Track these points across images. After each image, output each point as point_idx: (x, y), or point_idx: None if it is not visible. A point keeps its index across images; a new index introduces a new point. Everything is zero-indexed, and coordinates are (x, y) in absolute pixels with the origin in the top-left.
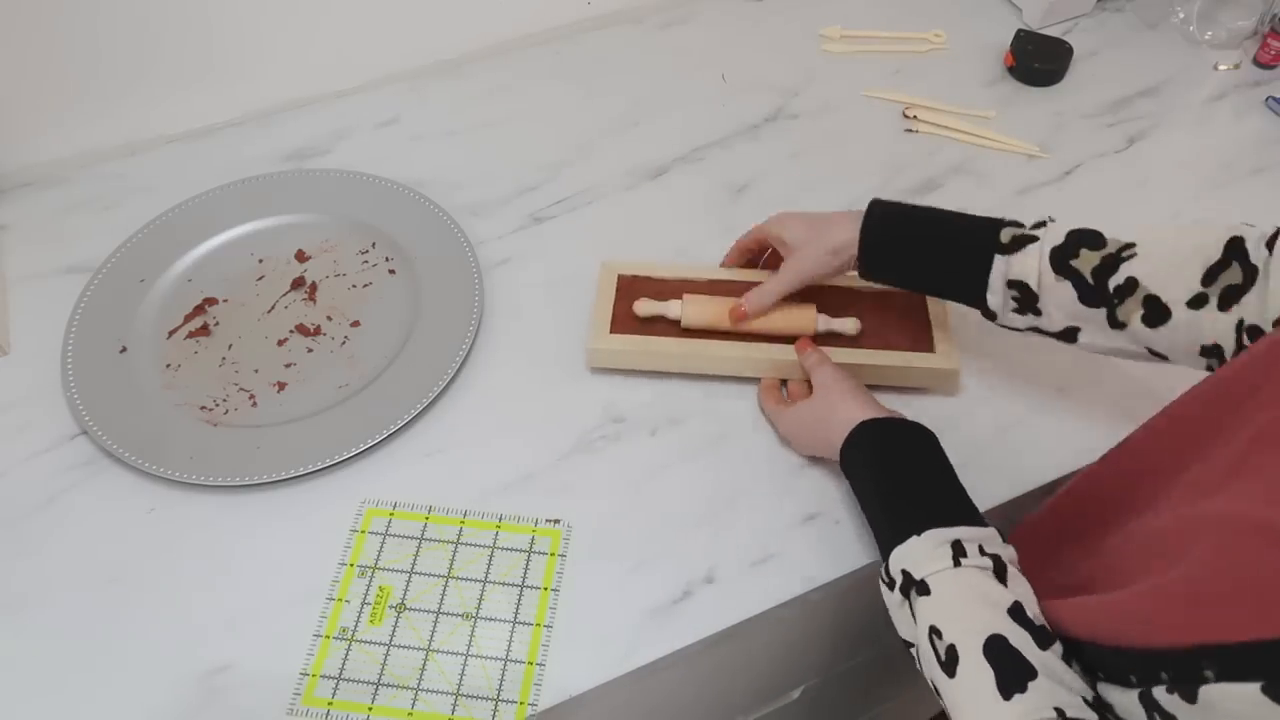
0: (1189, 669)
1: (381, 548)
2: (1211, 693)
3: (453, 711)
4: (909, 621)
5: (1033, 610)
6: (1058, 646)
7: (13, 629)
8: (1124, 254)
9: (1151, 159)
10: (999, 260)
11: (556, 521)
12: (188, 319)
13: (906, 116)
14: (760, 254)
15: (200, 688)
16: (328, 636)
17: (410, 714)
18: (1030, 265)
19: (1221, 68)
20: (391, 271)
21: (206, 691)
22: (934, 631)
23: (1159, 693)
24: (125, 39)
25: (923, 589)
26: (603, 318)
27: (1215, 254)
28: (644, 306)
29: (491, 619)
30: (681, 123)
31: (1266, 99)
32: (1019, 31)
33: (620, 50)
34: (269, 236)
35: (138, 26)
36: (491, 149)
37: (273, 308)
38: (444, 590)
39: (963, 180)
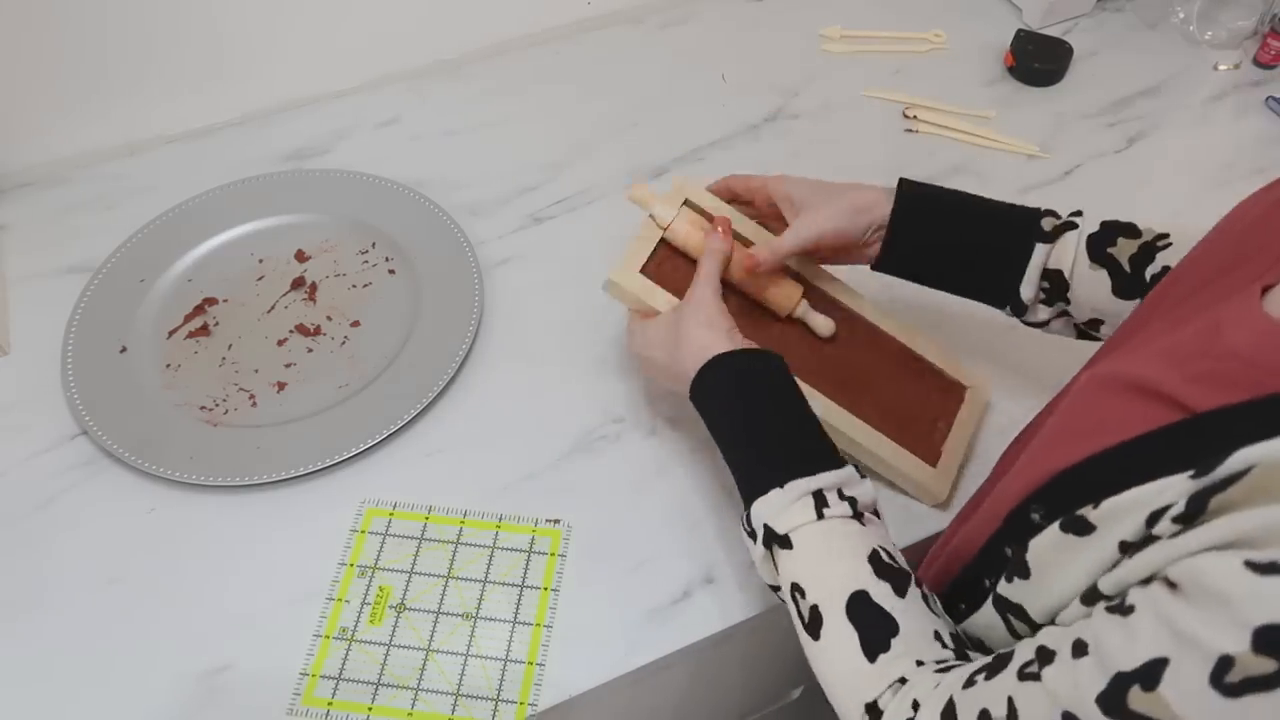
0: (1021, 524)
1: (381, 548)
2: (1036, 545)
3: (453, 711)
4: (772, 572)
5: (888, 552)
6: (914, 588)
7: (13, 629)
8: (1159, 243)
9: (1151, 159)
10: (1040, 249)
11: (556, 521)
12: (188, 319)
13: (906, 116)
14: (742, 201)
15: (200, 688)
16: (328, 636)
17: (410, 714)
18: (1067, 253)
19: (1221, 68)
20: (391, 271)
21: (206, 691)
22: (796, 589)
23: (1008, 590)
24: (125, 39)
25: (785, 543)
26: (636, 257)
27: None
28: (643, 192)
29: (491, 619)
30: (681, 123)
31: (1266, 99)
32: (1019, 31)
33: (620, 50)
34: (269, 236)
35: (138, 27)
36: (491, 149)
37: (273, 308)
38: (444, 590)
39: (963, 180)
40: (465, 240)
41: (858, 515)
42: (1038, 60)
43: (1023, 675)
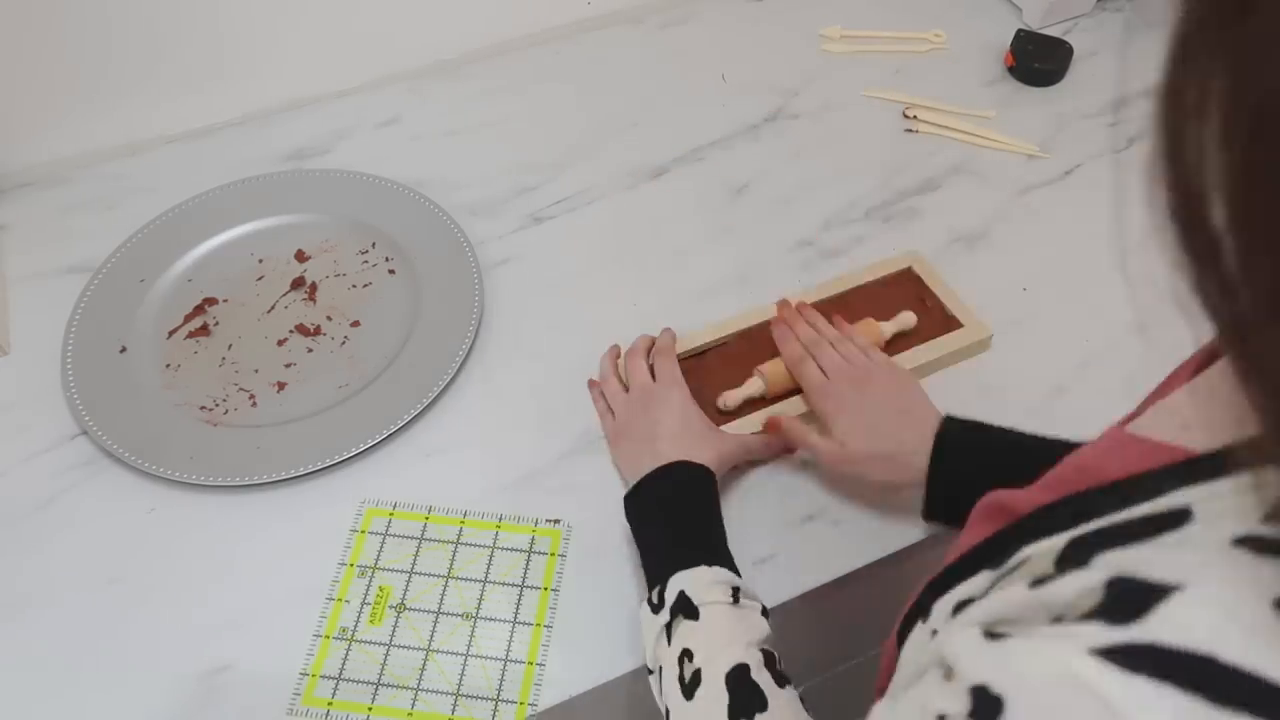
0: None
1: (381, 548)
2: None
3: (453, 711)
4: (664, 644)
5: (781, 661)
6: (793, 692)
7: (13, 629)
8: None
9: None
10: None
11: (556, 521)
12: (188, 319)
13: (906, 116)
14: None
15: (200, 688)
16: (328, 636)
17: (410, 714)
18: None
19: None
20: (391, 271)
21: (206, 691)
22: (685, 654)
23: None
24: (126, 39)
25: (692, 613)
26: None
27: None
28: (729, 398)
29: (491, 619)
30: (681, 123)
31: None
32: (1019, 31)
33: (620, 50)
34: (269, 236)
35: (138, 27)
36: (491, 149)
37: (273, 308)
38: (444, 590)
39: (963, 180)
40: (465, 240)
41: (764, 613)
42: (1038, 60)
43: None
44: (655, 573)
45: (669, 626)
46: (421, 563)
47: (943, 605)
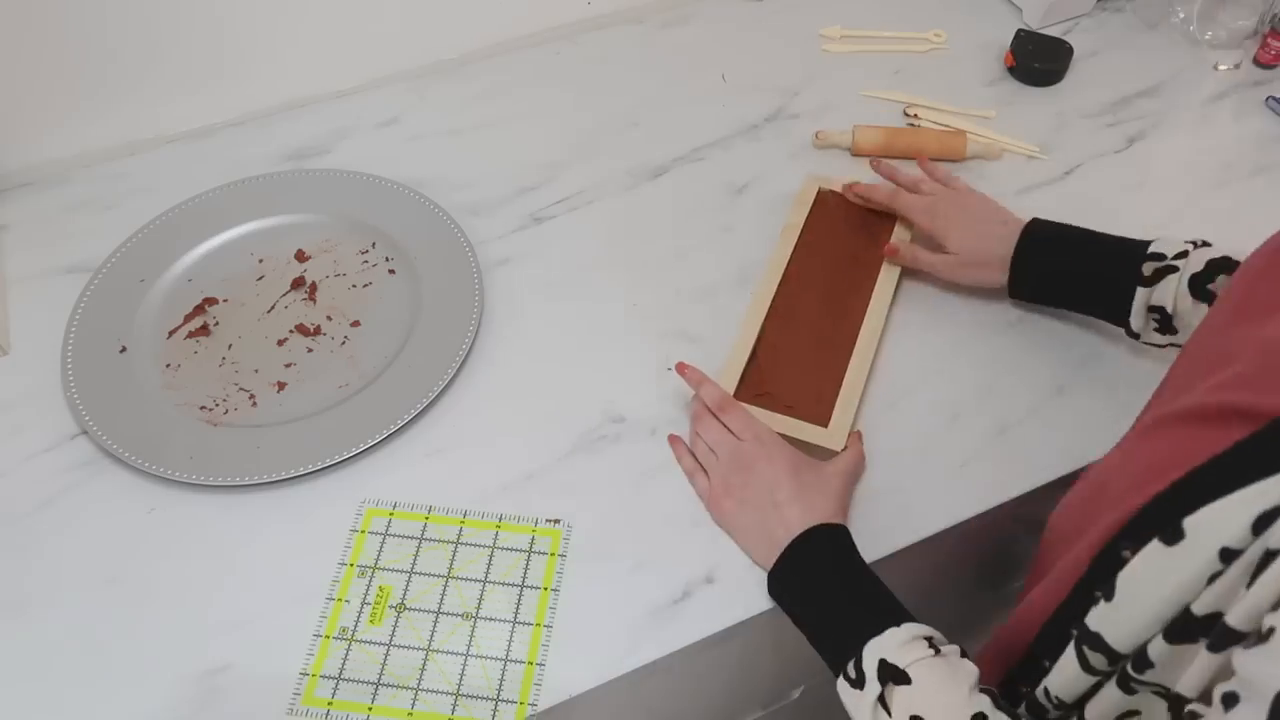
0: (1110, 562)
1: (381, 548)
2: (1129, 568)
3: (453, 711)
4: (883, 716)
5: (999, 696)
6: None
7: (13, 629)
8: None
9: (1151, 159)
10: (1140, 291)
11: (556, 521)
12: (188, 319)
13: (907, 115)
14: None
15: (200, 688)
16: (328, 636)
17: (410, 714)
18: (1169, 293)
19: (1222, 68)
20: (391, 271)
21: (206, 691)
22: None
23: (1089, 617)
24: (125, 39)
25: (902, 678)
26: (833, 187)
27: None
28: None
29: (491, 619)
30: (681, 123)
31: (1267, 99)
32: (1019, 31)
33: (620, 50)
34: (269, 236)
35: (138, 27)
36: (491, 149)
37: (273, 308)
38: (444, 590)
39: (963, 180)
40: (465, 240)
41: (963, 654)
42: (1038, 60)
43: None
44: (840, 646)
45: (883, 698)
46: (421, 563)
47: (1218, 519)
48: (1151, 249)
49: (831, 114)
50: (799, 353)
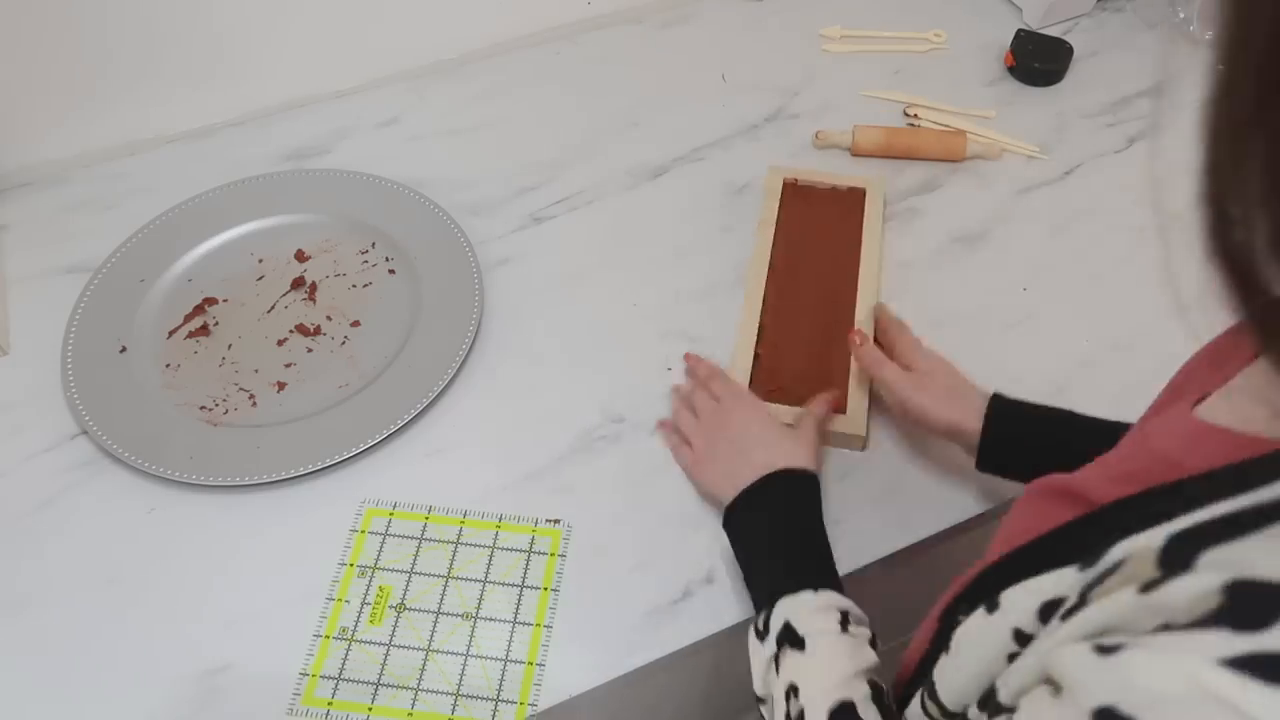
0: (949, 625)
1: (381, 548)
2: (958, 633)
3: (452, 712)
4: (770, 675)
5: (888, 693)
6: None
7: (13, 629)
8: None
9: (1151, 159)
10: None
11: (556, 521)
12: (188, 319)
13: (907, 115)
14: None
15: (200, 688)
16: (328, 636)
17: (410, 714)
18: None
19: (1221, 68)
20: (391, 271)
21: (206, 691)
22: (791, 690)
23: (935, 668)
24: (125, 39)
25: (798, 644)
26: (800, 174)
27: None
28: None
29: (491, 619)
30: (681, 123)
31: None
32: (1019, 31)
33: (620, 50)
34: (269, 236)
35: (138, 27)
36: (491, 149)
37: (273, 308)
38: (444, 590)
39: (963, 180)
40: (465, 240)
41: (874, 644)
42: (1038, 60)
43: None
44: (759, 596)
45: (776, 658)
46: (421, 563)
47: (1020, 599)
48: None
49: (831, 114)
50: (801, 345)
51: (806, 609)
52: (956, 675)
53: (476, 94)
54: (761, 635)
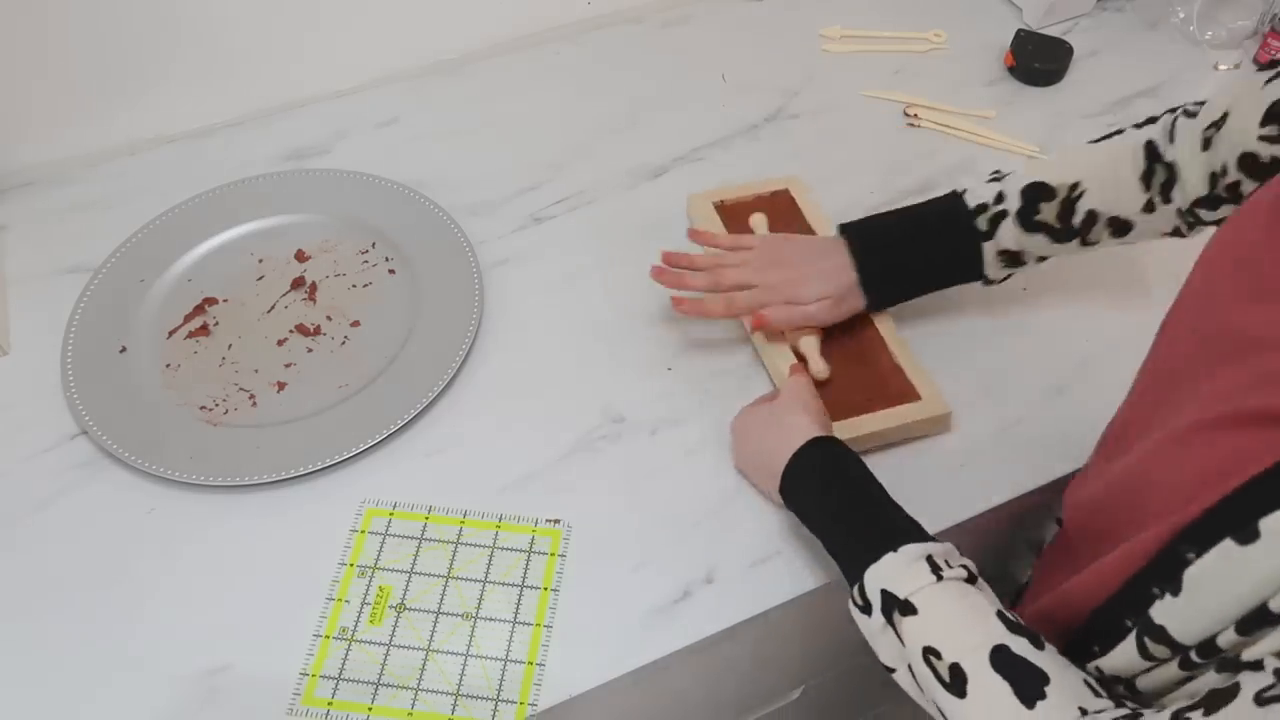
0: (1171, 562)
1: (381, 548)
2: (1193, 571)
3: (452, 711)
4: (895, 645)
5: (1010, 613)
6: (1048, 643)
7: (12, 629)
8: (1074, 194)
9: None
10: (986, 246)
11: (556, 521)
12: (187, 319)
13: (907, 115)
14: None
15: (200, 688)
16: (328, 636)
17: (410, 714)
18: (1008, 236)
19: (1221, 68)
20: (391, 271)
21: (206, 691)
22: (930, 652)
23: (1152, 610)
24: (125, 39)
25: (907, 608)
26: (727, 192)
27: (1142, 163)
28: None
29: (491, 619)
30: (681, 123)
31: None
32: (1019, 31)
33: (620, 50)
34: (269, 236)
35: (138, 27)
36: (491, 149)
37: (273, 308)
38: (444, 590)
39: (963, 180)
40: (465, 240)
41: (971, 579)
42: (1038, 60)
43: (1262, 700)
44: (846, 572)
45: (895, 628)
46: (421, 563)
47: None
48: (970, 202)
49: (832, 114)
50: (835, 355)
51: (894, 572)
52: (1202, 612)
53: (476, 94)
54: (864, 609)
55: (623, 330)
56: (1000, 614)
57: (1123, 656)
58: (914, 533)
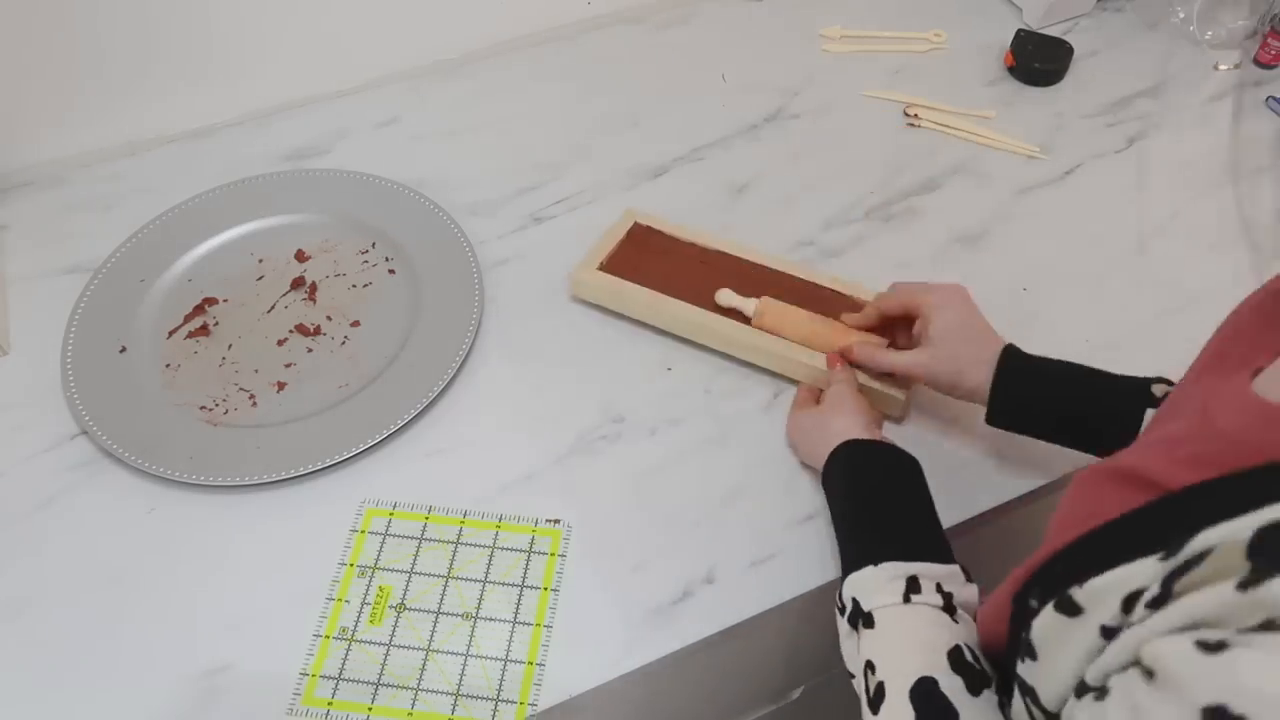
0: (1023, 609)
1: (381, 548)
2: (1037, 626)
3: (452, 711)
4: (854, 653)
5: (973, 651)
6: (990, 693)
7: (12, 629)
8: None
9: (1151, 159)
10: (1150, 413)
11: (556, 521)
12: (187, 319)
13: (907, 115)
14: (886, 323)
15: (200, 688)
16: (328, 636)
17: (410, 714)
18: None
19: (1222, 68)
20: (391, 271)
21: (206, 691)
22: (869, 666)
23: (1019, 664)
24: (125, 39)
25: (869, 621)
26: (597, 255)
27: None
28: (724, 297)
29: (491, 619)
30: (681, 123)
31: (1267, 99)
32: (1019, 31)
33: (620, 50)
34: (269, 236)
35: (138, 26)
36: (491, 149)
37: (273, 308)
38: (444, 590)
39: (963, 180)
40: (465, 240)
41: (949, 609)
42: (1038, 60)
43: None
44: (842, 568)
45: (856, 635)
46: (421, 563)
47: (1103, 594)
48: (1156, 379)
49: (832, 114)
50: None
51: (868, 584)
52: (1051, 681)
53: (477, 94)
54: (841, 611)
55: (623, 330)
56: (955, 650)
57: (1018, 712)
58: (916, 549)
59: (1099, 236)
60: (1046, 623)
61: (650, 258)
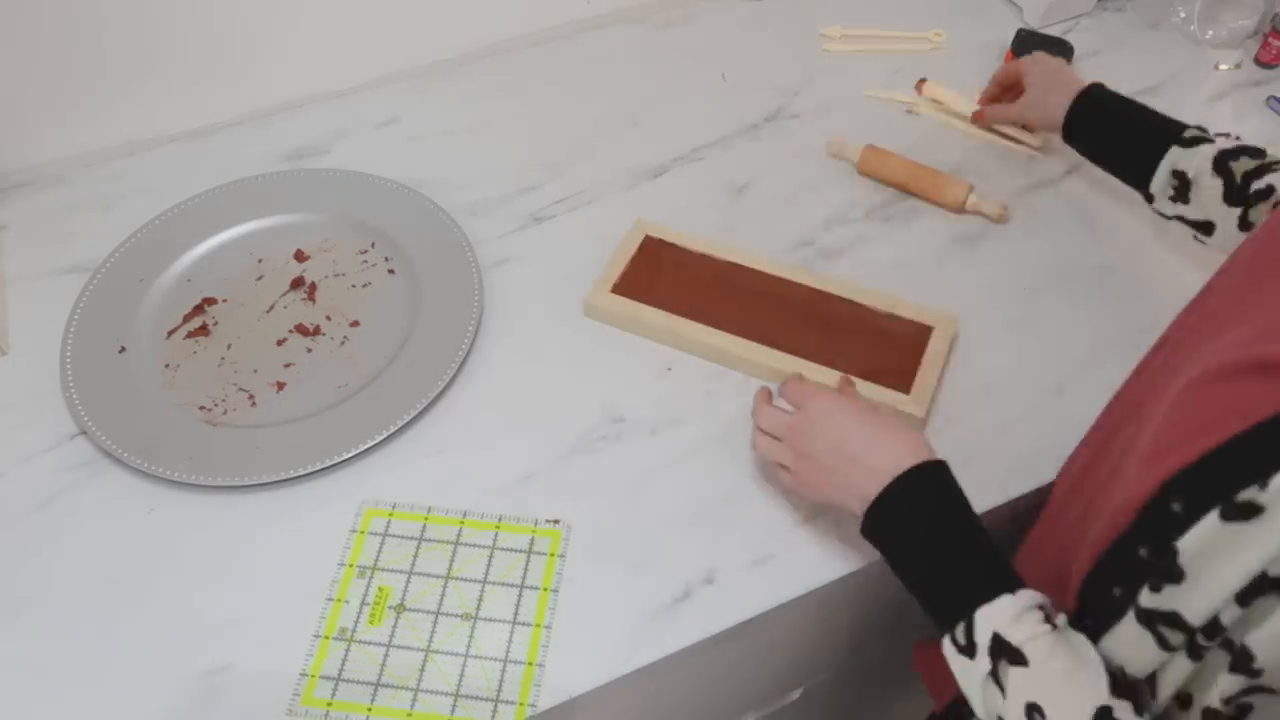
0: (1159, 521)
1: (381, 548)
2: (1190, 542)
3: (452, 712)
4: (997, 697)
5: (1123, 673)
6: (1149, 701)
7: (12, 630)
8: (1273, 165)
9: None
10: (1173, 150)
11: (556, 522)
12: (187, 319)
13: (916, 94)
14: (1013, 89)
15: (200, 688)
16: (327, 637)
17: (410, 714)
18: (1195, 160)
19: (1222, 67)
20: (391, 271)
21: (206, 691)
22: (1033, 709)
23: (1146, 594)
24: (125, 39)
25: (1018, 658)
26: (610, 273)
27: None
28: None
29: (491, 619)
30: (681, 123)
31: (1267, 99)
32: (1019, 31)
33: (620, 50)
34: (269, 236)
35: (138, 26)
36: (491, 149)
37: (272, 308)
38: (443, 591)
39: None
40: (465, 240)
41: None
42: None
43: None
44: (947, 605)
45: (995, 676)
46: (421, 563)
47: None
48: (1202, 128)
49: (831, 114)
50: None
51: (1010, 616)
52: (1204, 596)
53: (476, 94)
54: (966, 651)
55: (623, 330)
56: (1109, 673)
57: (1126, 642)
58: (1020, 580)
59: (1099, 236)
60: (1207, 535)
61: (663, 274)
